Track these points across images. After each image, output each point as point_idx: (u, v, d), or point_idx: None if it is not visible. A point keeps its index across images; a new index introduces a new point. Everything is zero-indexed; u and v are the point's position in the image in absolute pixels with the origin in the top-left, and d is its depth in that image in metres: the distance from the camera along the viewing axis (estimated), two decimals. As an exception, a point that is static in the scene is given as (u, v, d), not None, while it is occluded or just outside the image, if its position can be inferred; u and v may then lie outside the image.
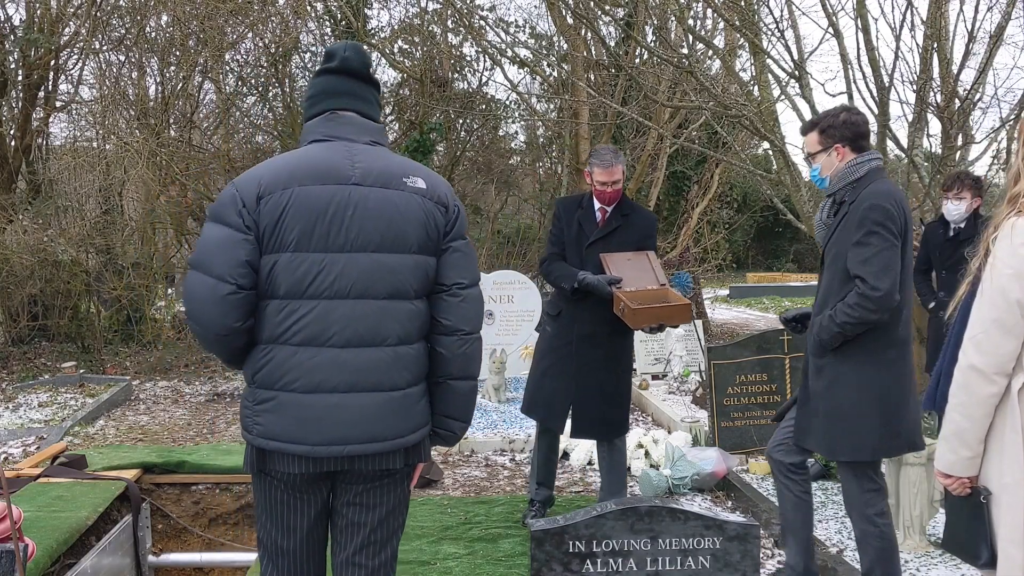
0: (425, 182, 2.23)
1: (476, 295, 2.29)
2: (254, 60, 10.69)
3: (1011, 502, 2.10)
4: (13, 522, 2.81)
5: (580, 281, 3.89)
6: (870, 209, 2.98)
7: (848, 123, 3.14)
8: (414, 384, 2.23)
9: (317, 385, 2.14)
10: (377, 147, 2.25)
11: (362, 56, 2.29)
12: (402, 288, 2.19)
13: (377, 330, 2.16)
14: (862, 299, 2.93)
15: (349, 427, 2.15)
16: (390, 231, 2.16)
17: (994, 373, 2.11)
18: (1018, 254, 2.08)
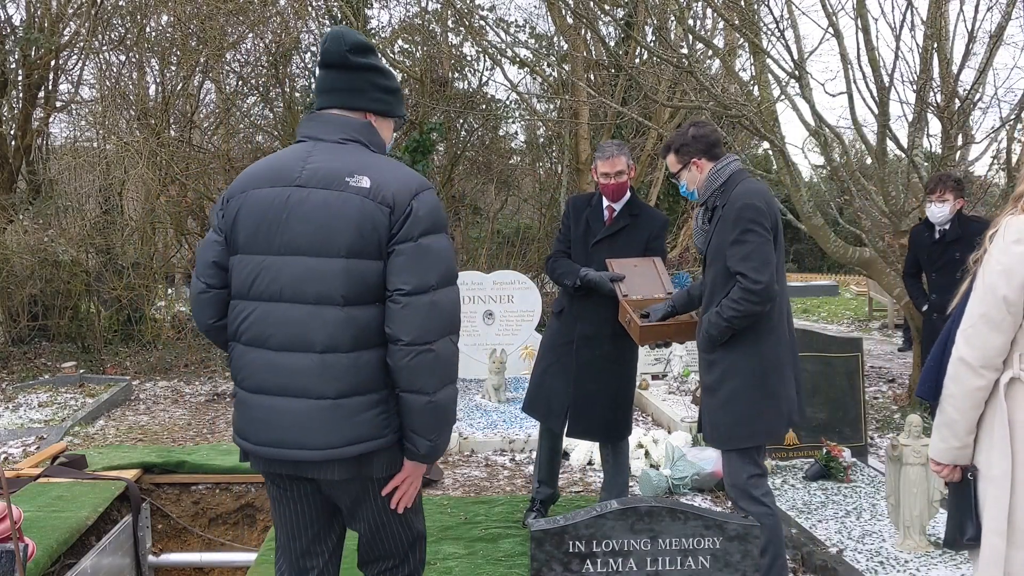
0: (372, 181, 2.10)
1: (423, 302, 2.09)
2: (254, 60, 10.70)
3: (997, 494, 2.17)
4: (13, 522, 2.81)
5: (582, 278, 3.88)
6: (743, 209, 3.12)
7: (697, 137, 3.31)
8: (348, 395, 2.11)
9: (259, 386, 2.18)
10: (346, 144, 2.18)
11: (339, 44, 2.18)
12: (329, 293, 2.09)
13: (304, 335, 2.11)
14: (746, 293, 3.07)
15: (282, 431, 2.15)
16: (318, 234, 2.10)
17: (981, 367, 2.19)
18: (1008, 251, 2.15)
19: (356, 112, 2.24)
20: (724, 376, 3.22)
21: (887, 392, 7.68)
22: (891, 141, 6.33)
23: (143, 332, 10.03)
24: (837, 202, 8.53)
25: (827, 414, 5.29)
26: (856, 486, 4.73)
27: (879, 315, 13.81)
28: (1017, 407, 2.17)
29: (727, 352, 3.21)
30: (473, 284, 8.10)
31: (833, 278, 20.75)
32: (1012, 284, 2.13)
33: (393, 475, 2.23)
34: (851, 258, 6.74)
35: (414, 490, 2.29)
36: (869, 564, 3.70)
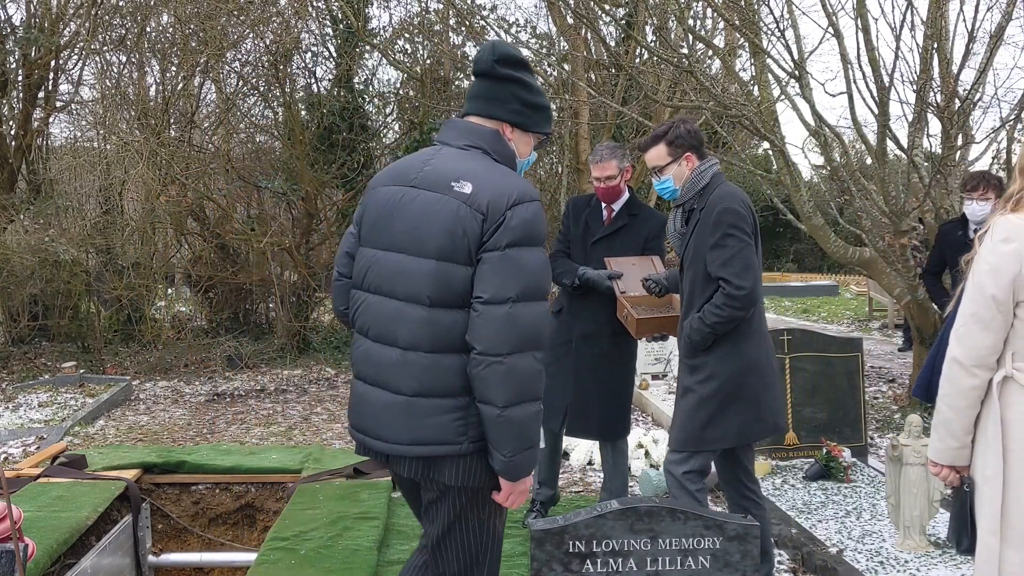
0: (473, 187, 2.11)
1: (498, 313, 2.06)
2: (255, 60, 10.69)
3: (991, 493, 2.18)
4: (13, 522, 2.81)
5: (580, 276, 3.91)
6: (723, 212, 3.08)
7: (693, 132, 3.25)
8: (423, 395, 2.12)
9: (358, 372, 2.29)
10: (468, 151, 2.22)
11: (489, 54, 2.23)
12: (415, 293, 2.13)
13: (392, 330, 2.17)
14: (729, 299, 3.04)
15: (366, 419, 2.24)
16: (414, 233, 2.15)
17: (973, 366, 2.20)
18: (996, 250, 2.17)
19: (492, 121, 2.26)
20: (705, 380, 3.18)
21: (887, 392, 7.68)
22: (891, 141, 6.32)
23: (143, 332, 10.03)
24: (837, 202, 8.53)
25: (827, 414, 5.29)
26: (856, 486, 4.73)
27: (879, 315, 13.81)
28: (1009, 406, 2.18)
29: (709, 356, 3.18)
30: (473, 284, 8.08)
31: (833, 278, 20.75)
32: (1000, 283, 2.14)
33: (470, 486, 2.19)
34: (851, 258, 6.74)
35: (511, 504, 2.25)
36: (869, 564, 3.71)
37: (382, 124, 12.20)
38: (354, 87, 11.10)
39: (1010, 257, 2.14)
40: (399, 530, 4.29)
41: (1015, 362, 2.18)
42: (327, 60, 11.47)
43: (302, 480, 4.82)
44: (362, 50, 11.10)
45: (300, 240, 10.73)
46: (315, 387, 8.61)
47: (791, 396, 5.29)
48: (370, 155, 11.26)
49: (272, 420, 7.09)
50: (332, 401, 7.85)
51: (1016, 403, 2.17)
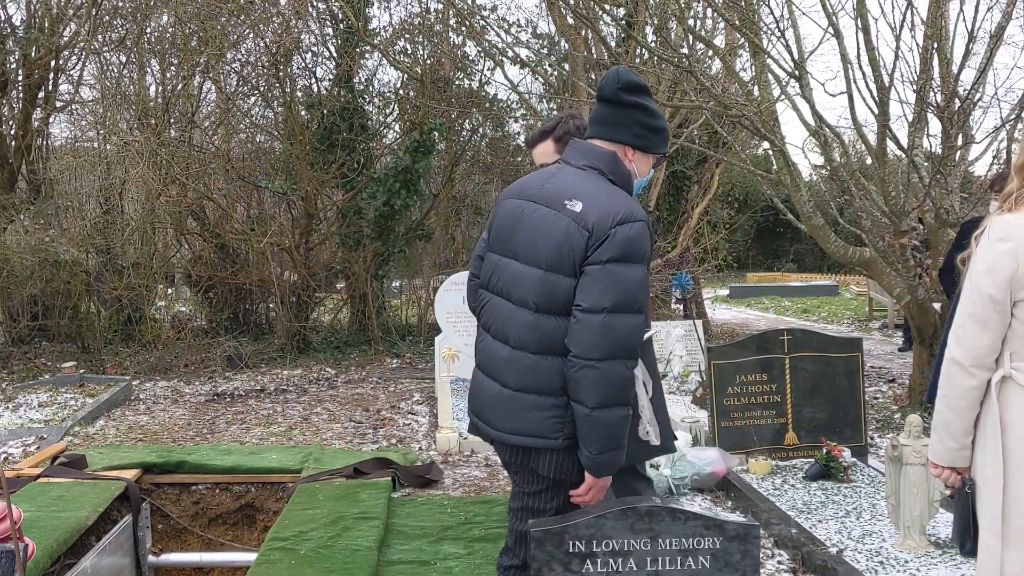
0: (583, 206, 2.30)
1: (594, 321, 2.23)
2: (255, 60, 10.70)
3: (991, 494, 2.18)
4: (13, 522, 2.81)
5: None
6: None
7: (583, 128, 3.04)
8: (526, 391, 2.34)
9: (478, 363, 2.54)
10: (586, 171, 2.39)
11: (614, 81, 2.39)
12: (525, 298, 2.36)
13: (505, 330, 2.41)
14: None
15: (480, 406, 2.49)
16: (529, 245, 2.37)
17: (972, 366, 2.20)
18: (992, 250, 2.17)
19: (615, 144, 2.42)
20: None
21: (887, 392, 7.68)
22: (891, 141, 6.32)
23: (143, 332, 10.04)
24: (837, 202, 8.53)
25: (827, 414, 5.29)
26: (856, 486, 4.73)
27: (879, 315, 13.81)
28: (1008, 405, 2.18)
29: None
30: (473, 284, 8.09)
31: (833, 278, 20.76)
32: (997, 282, 2.14)
33: (563, 479, 2.38)
34: (851, 258, 6.74)
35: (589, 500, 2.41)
36: (869, 564, 3.70)
37: (382, 124, 12.20)
38: (354, 87, 11.10)
39: (1006, 256, 2.14)
40: (399, 530, 4.30)
41: (1013, 362, 2.18)
42: (327, 60, 11.47)
43: (302, 480, 4.82)
44: (362, 50, 11.10)
45: (300, 240, 10.74)
46: (315, 387, 8.61)
47: (791, 396, 5.29)
48: (370, 155, 11.26)
49: (272, 420, 7.09)
50: (332, 401, 7.86)
51: (1015, 403, 2.17)
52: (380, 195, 10.29)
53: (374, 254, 10.85)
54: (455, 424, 6.33)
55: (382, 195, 10.27)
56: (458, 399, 7.21)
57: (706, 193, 12.72)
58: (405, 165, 10.21)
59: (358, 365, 9.76)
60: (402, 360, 10.05)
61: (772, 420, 5.29)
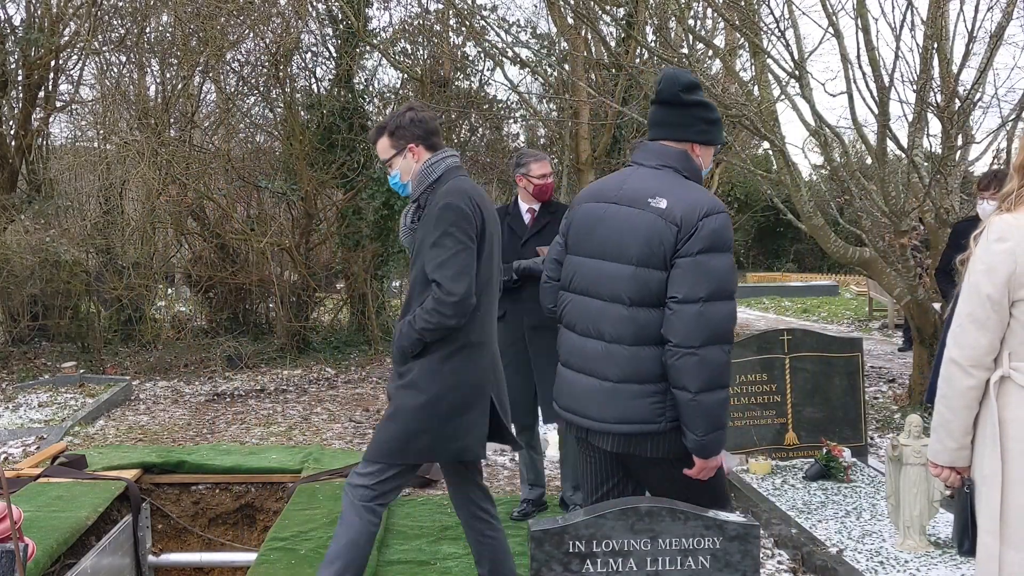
0: (668, 202, 2.40)
1: (691, 311, 2.34)
2: (255, 60, 10.69)
3: (989, 493, 2.18)
4: (13, 522, 2.81)
5: (516, 269, 4.16)
6: (444, 209, 2.90)
7: (416, 121, 3.05)
8: (627, 381, 2.45)
9: (566, 361, 2.63)
10: (661, 170, 2.51)
11: (673, 84, 2.52)
12: (617, 294, 2.45)
13: (597, 326, 2.50)
14: (439, 304, 2.85)
15: (575, 401, 2.57)
16: (615, 243, 2.47)
17: (970, 366, 2.20)
18: (990, 250, 2.18)
19: (680, 143, 2.54)
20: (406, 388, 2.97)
21: (887, 392, 7.68)
22: (891, 141, 6.32)
23: (143, 332, 10.04)
24: (837, 202, 8.52)
25: (827, 414, 5.29)
26: (856, 486, 4.73)
27: (879, 315, 13.81)
28: (1007, 405, 2.18)
29: (416, 364, 2.96)
30: (473, 284, 8.08)
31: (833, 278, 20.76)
32: (995, 282, 2.15)
33: (668, 459, 2.50)
34: (851, 258, 6.74)
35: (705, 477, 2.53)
36: (869, 564, 3.70)
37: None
38: (354, 87, 11.09)
39: (1004, 256, 2.14)
40: (399, 530, 4.30)
41: (1012, 362, 2.18)
42: (327, 60, 11.47)
43: (302, 480, 4.82)
44: (362, 50, 11.10)
45: (300, 240, 10.74)
46: (315, 387, 8.61)
47: (791, 396, 5.29)
48: (370, 155, 11.25)
49: (272, 420, 7.09)
50: (332, 401, 7.86)
51: (1013, 403, 2.17)
52: (379, 195, 10.29)
53: (374, 254, 10.85)
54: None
55: (381, 195, 10.27)
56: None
57: (706, 193, 12.70)
58: (405, 165, 10.19)
59: (358, 365, 9.76)
60: (402, 360, 10.04)
61: (772, 420, 5.29)
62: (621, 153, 11.64)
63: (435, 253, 2.89)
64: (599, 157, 11.10)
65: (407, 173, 3.08)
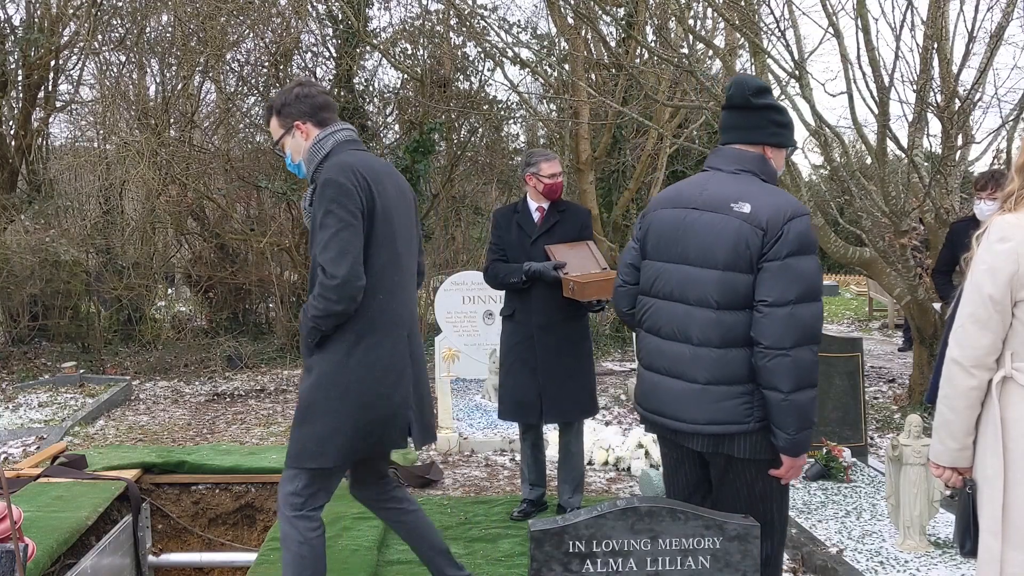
0: (752, 207, 2.45)
1: (781, 313, 2.38)
2: (255, 60, 10.69)
3: (991, 494, 2.17)
4: (13, 522, 2.81)
5: (527, 272, 4.15)
6: (323, 186, 2.72)
7: (303, 97, 2.87)
8: (715, 383, 2.48)
9: (649, 364, 2.67)
10: (739, 175, 2.56)
11: (743, 88, 2.57)
12: (704, 298, 2.49)
13: (684, 329, 2.54)
14: (323, 289, 2.67)
15: (661, 403, 2.61)
16: (700, 248, 2.50)
17: (972, 366, 2.20)
18: (992, 250, 2.17)
19: (754, 146, 2.59)
20: (313, 386, 2.81)
21: (887, 392, 7.68)
22: (891, 141, 6.32)
23: (143, 332, 10.04)
24: (837, 202, 8.52)
25: (827, 414, 5.29)
26: (856, 486, 4.73)
27: (879, 315, 13.81)
28: (1009, 406, 2.17)
29: (321, 358, 2.81)
30: (473, 284, 8.10)
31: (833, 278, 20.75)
32: (997, 282, 2.15)
33: (756, 459, 2.53)
34: (851, 258, 6.73)
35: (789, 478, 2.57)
36: (869, 564, 3.70)
37: (382, 124, 12.20)
38: (354, 87, 11.09)
39: (1006, 256, 2.14)
40: (399, 530, 4.29)
41: (1014, 362, 2.17)
42: (327, 60, 11.47)
43: (302, 480, 4.81)
44: (362, 50, 11.10)
45: (299, 240, 10.73)
46: (315, 387, 8.60)
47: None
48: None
49: (272, 420, 7.09)
50: (332, 401, 7.85)
51: (1015, 403, 2.16)
52: (380, 195, 10.28)
53: (374, 254, 10.83)
54: (455, 424, 6.33)
55: (381, 195, 10.26)
56: (458, 399, 7.20)
57: (706, 193, 12.70)
58: (405, 165, 10.21)
59: (358, 365, 9.75)
60: (402, 360, 10.04)
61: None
62: (621, 153, 11.65)
63: (319, 235, 2.71)
64: (599, 157, 11.10)
65: (297, 152, 2.92)
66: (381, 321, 2.82)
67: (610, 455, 5.52)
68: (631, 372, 8.59)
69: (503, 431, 6.15)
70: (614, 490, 5.10)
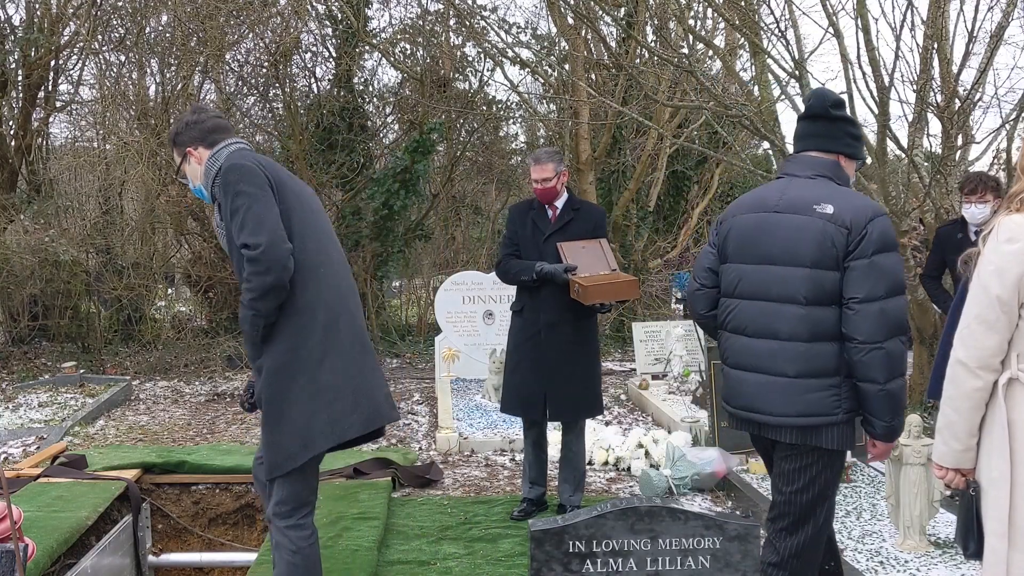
0: (835, 208, 2.60)
1: (872, 309, 2.52)
2: (255, 60, 10.68)
3: (997, 496, 2.16)
4: (13, 522, 2.81)
5: (538, 271, 4.17)
6: (226, 173, 2.72)
7: (192, 123, 2.90)
8: (804, 376, 2.61)
9: (736, 363, 2.79)
10: (816, 179, 2.71)
11: (823, 100, 2.74)
12: (792, 295, 2.63)
13: (772, 326, 2.66)
14: (252, 264, 2.62)
15: (750, 398, 2.73)
16: (787, 248, 2.64)
17: (977, 367, 2.19)
18: (1000, 251, 2.16)
19: (829, 154, 2.75)
20: (269, 388, 2.78)
21: (887, 392, 7.66)
22: (891, 141, 6.32)
23: (143, 332, 10.03)
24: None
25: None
26: (856, 486, 4.73)
27: (879, 315, 13.77)
28: (1015, 408, 2.16)
29: (268, 357, 2.77)
30: (473, 284, 8.10)
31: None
32: (1005, 283, 2.14)
33: (841, 450, 2.66)
34: (851, 258, 6.71)
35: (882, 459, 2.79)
36: (869, 564, 3.70)
37: (382, 124, 12.19)
38: (354, 87, 11.09)
39: (1015, 257, 2.13)
40: (399, 530, 4.29)
41: (1020, 363, 2.16)
42: (327, 60, 11.46)
43: (302, 480, 4.81)
44: (362, 50, 11.09)
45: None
46: (315, 387, 8.60)
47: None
48: (370, 155, 11.26)
49: (272, 420, 7.07)
50: (332, 401, 7.84)
51: (1022, 404, 2.15)
52: (379, 196, 10.29)
53: (373, 254, 10.84)
54: (455, 424, 6.33)
55: (381, 196, 10.27)
56: (457, 399, 7.20)
57: (706, 193, 12.72)
58: (404, 165, 10.21)
59: (358, 365, 9.74)
60: (402, 360, 10.04)
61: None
62: (621, 153, 11.64)
63: (233, 221, 2.68)
64: (599, 157, 11.10)
65: (196, 177, 2.92)
66: (324, 310, 2.80)
67: (610, 455, 5.52)
68: (631, 372, 8.59)
69: (503, 431, 6.15)
70: (614, 490, 5.10)
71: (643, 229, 11.99)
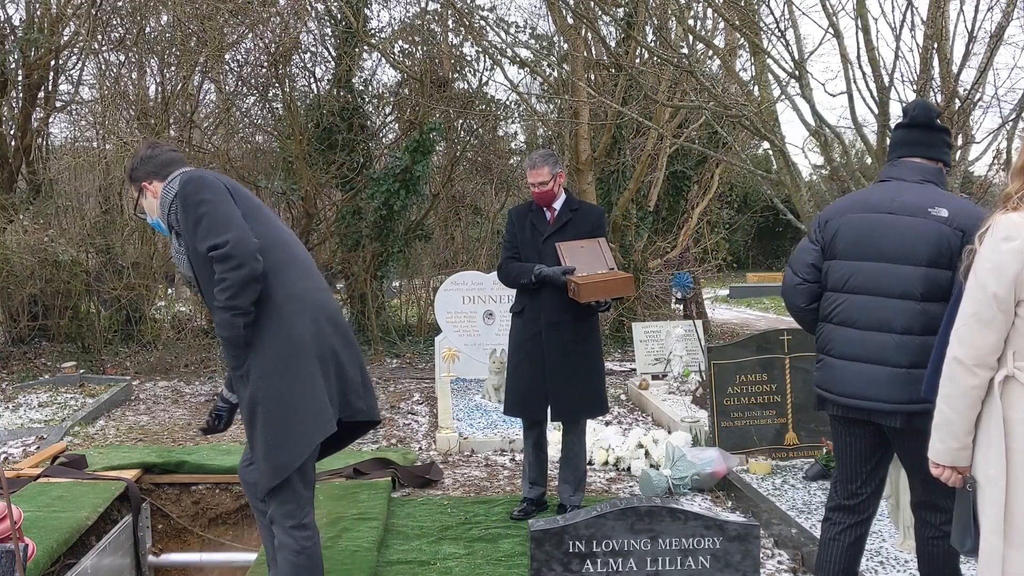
0: (949, 212, 2.77)
1: None
2: (254, 60, 10.69)
3: (993, 493, 2.17)
4: (13, 522, 2.81)
5: (537, 274, 4.20)
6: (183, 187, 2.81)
7: (147, 159, 2.97)
8: (917, 367, 2.72)
9: (843, 354, 2.91)
10: (924, 184, 2.88)
11: (928, 112, 2.95)
12: (909, 291, 2.78)
13: (887, 320, 2.81)
14: (223, 262, 2.67)
15: (859, 387, 2.86)
16: (902, 249, 2.80)
17: (974, 365, 2.21)
18: (997, 249, 2.18)
19: (931, 161, 2.95)
20: (255, 392, 2.80)
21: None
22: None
23: (143, 332, 10.03)
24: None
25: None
26: (856, 486, 4.72)
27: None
28: (1012, 405, 2.18)
29: (256, 357, 2.80)
30: (473, 284, 8.10)
31: (833, 278, 20.75)
32: (1002, 281, 2.15)
33: None
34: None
35: None
36: (869, 564, 3.70)
37: (381, 124, 12.19)
38: (353, 87, 11.09)
39: (1011, 255, 2.14)
40: (398, 530, 4.29)
41: (1016, 361, 2.18)
42: (326, 60, 11.46)
43: (302, 480, 4.81)
44: (361, 50, 11.09)
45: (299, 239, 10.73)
46: (315, 387, 8.60)
47: (791, 396, 5.29)
48: (369, 155, 11.26)
49: (272, 420, 7.07)
50: (332, 401, 7.85)
51: (1018, 402, 2.17)
52: (379, 195, 10.29)
53: (373, 254, 10.85)
54: (455, 424, 6.33)
55: (381, 195, 10.27)
56: (458, 399, 7.20)
57: (706, 193, 12.72)
58: (404, 165, 10.21)
59: (358, 365, 9.74)
60: (402, 360, 10.05)
61: (772, 420, 5.29)
62: (621, 153, 11.64)
63: (200, 229, 2.75)
64: (599, 157, 11.10)
65: (152, 211, 2.99)
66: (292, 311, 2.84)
67: (610, 455, 5.52)
68: (631, 372, 8.59)
69: (503, 431, 6.15)
70: (614, 490, 5.10)
71: (643, 229, 11.99)
